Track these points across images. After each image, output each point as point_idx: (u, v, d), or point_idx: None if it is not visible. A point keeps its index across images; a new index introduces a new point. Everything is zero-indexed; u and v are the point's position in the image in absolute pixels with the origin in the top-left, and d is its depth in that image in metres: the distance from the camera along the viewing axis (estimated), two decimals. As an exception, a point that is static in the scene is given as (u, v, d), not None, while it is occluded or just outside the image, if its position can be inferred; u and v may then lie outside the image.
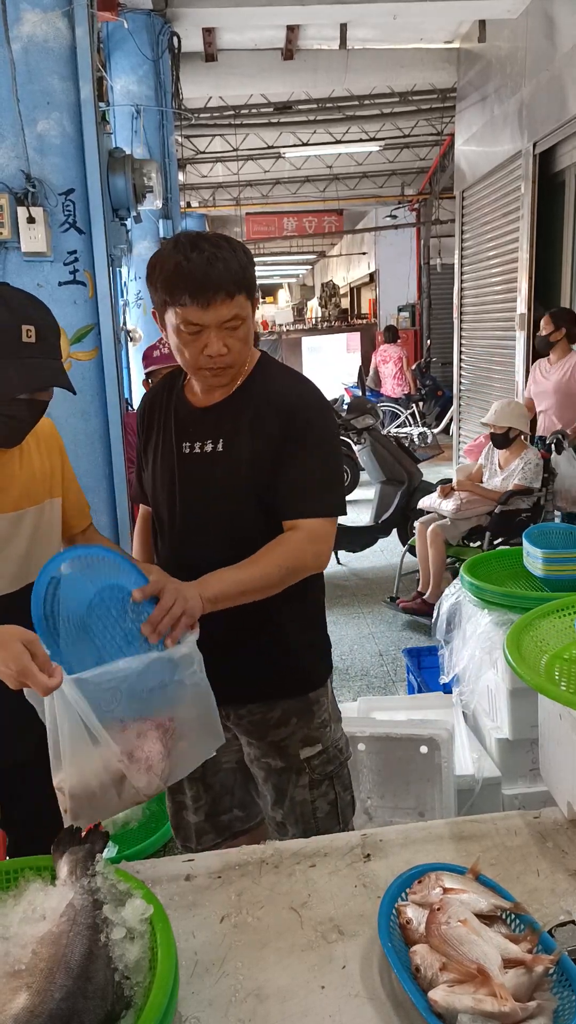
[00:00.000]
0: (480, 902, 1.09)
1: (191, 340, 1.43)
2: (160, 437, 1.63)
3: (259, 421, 1.52)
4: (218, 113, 8.71)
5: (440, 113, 8.91)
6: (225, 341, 1.43)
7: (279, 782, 1.68)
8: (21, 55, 2.48)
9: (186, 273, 1.37)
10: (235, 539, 1.53)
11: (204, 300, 1.38)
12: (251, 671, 1.63)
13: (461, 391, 7.78)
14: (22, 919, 1.08)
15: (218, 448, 1.54)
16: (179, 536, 1.60)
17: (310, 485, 1.52)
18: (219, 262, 1.38)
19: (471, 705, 2.52)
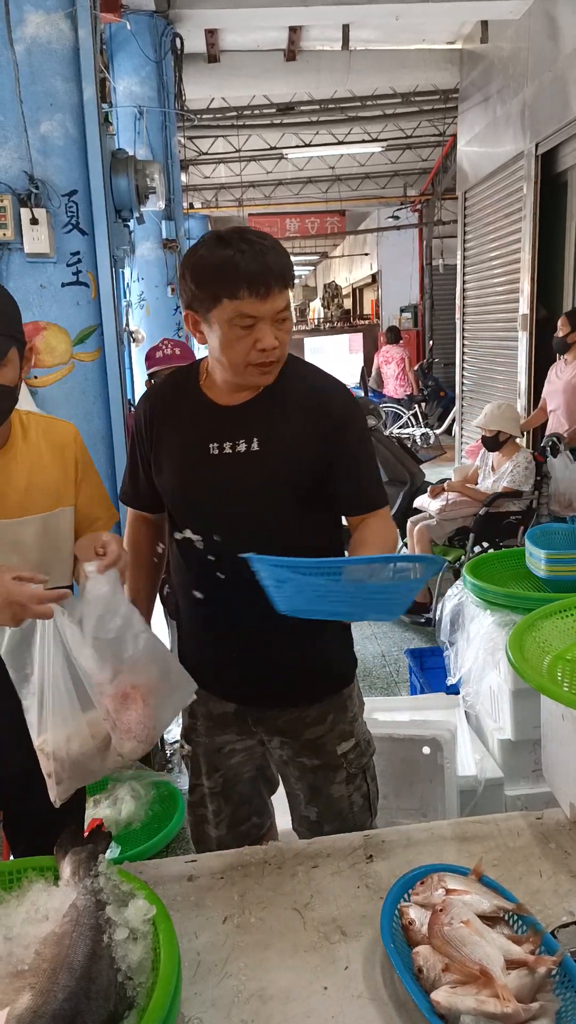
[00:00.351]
0: (483, 903, 1.09)
1: (243, 335, 1.40)
2: (178, 438, 1.57)
3: (293, 419, 1.51)
4: (220, 114, 8.72)
5: (442, 114, 8.90)
6: (276, 334, 1.41)
7: (315, 780, 1.67)
8: (24, 56, 2.48)
9: (242, 265, 1.35)
10: (274, 538, 1.52)
11: (263, 291, 1.36)
12: (293, 674, 1.62)
13: (463, 392, 7.78)
14: (25, 919, 1.08)
15: (252, 447, 1.50)
16: (216, 538, 1.54)
17: (365, 480, 1.59)
18: (271, 252, 1.37)
19: (474, 706, 2.52)
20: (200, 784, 1.74)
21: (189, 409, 1.57)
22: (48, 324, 2.67)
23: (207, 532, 1.55)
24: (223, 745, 1.70)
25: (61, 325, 2.69)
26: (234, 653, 1.61)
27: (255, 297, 1.36)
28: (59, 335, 2.69)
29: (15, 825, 1.72)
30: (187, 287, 1.43)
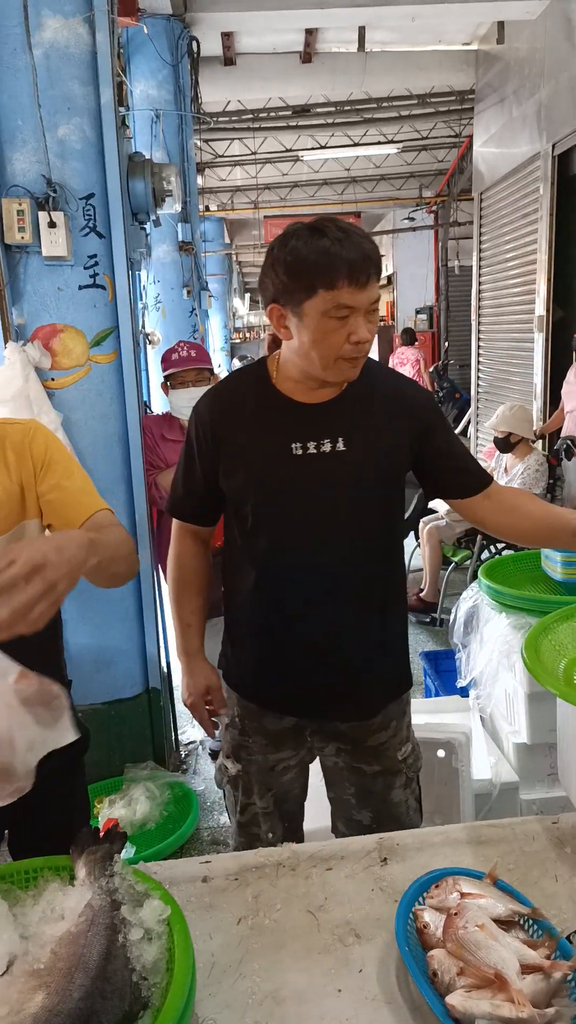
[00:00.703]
0: (497, 907, 1.09)
1: (337, 327, 1.36)
2: (254, 439, 1.50)
3: (378, 417, 1.50)
4: (236, 117, 8.74)
5: (458, 115, 8.88)
6: (368, 327, 1.39)
7: (373, 785, 1.66)
8: (42, 61, 2.50)
9: (342, 254, 1.32)
10: (361, 538, 1.52)
11: (362, 280, 1.33)
12: (362, 685, 1.60)
13: (479, 393, 7.75)
14: (41, 918, 1.09)
15: (338, 447, 1.47)
16: (291, 544, 1.51)
17: (469, 461, 1.63)
18: (367, 241, 1.36)
19: (488, 709, 2.51)
20: (252, 803, 1.70)
21: (264, 408, 1.51)
22: (65, 326, 2.69)
23: (282, 537, 1.51)
24: (277, 763, 1.68)
25: (78, 327, 2.70)
26: (301, 667, 1.57)
27: (354, 287, 1.33)
28: (76, 337, 2.71)
29: (18, 843, 1.69)
30: (277, 279, 1.38)
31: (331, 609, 1.53)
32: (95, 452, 2.80)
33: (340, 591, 1.52)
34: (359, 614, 1.55)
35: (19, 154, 2.56)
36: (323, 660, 1.56)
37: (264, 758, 1.66)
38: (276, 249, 1.39)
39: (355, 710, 1.62)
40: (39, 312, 2.68)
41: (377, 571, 1.56)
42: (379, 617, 1.59)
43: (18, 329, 2.68)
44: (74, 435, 2.73)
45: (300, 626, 1.54)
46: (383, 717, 1.64)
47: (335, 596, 1.52)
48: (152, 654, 3.05)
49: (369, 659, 1.59)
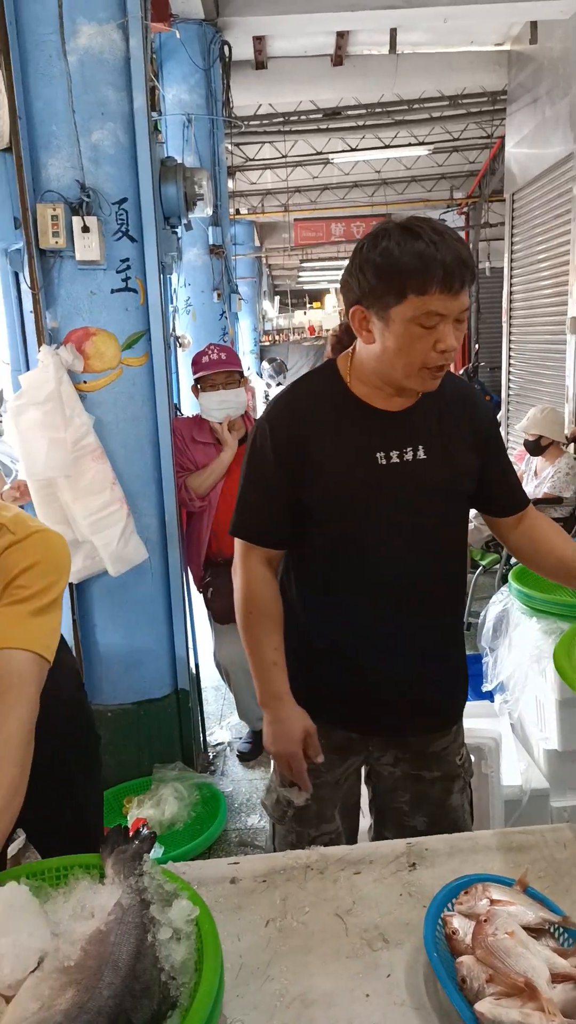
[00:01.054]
0: (528, 914, 1.08)
1: (424, 334, 1.31)
2: (336, 447, 1.44)
3: (450, 424, 1.48)
4: (267, 120, 8.76)
5: (490, 116, 8.82)
6: (455, 335, 1.33)
7: (431, 791, 1.64)
8: (77, 67, 2.53)
9: (438, 259, 1.26)
10: (439, 545, 1.51)
11: (456, 287, 1.28)
12: (432, 697, 1.60)
13: (510, 396, 7.68)
14: (72, 916, 1.10)
15: (419, 455, 1.44)
16: (384, 553, 1.47)
17: (515, 481, 1.62)
18: (462, 245, 1.30)
19: (515, 714, 2.48)
20: (323, 834, 1.64)
21: (345, 415, 1.45)
22: (97, 330, 2.72)
23: (363, 547, 1.46)
24: (342, 776, 1.65)
25: (110, 331, 2.73)
26: (377, 681, 1.53)
27: (447, 293, 1.28)
28: (108, 340, 2.73)
29: (37, 838, 1.73)
30: (364, 281, 1.32)
31: (408, 619, 1.51)
32: (126, 454, 2.83)
33: (418, 600, 1.50)
34: (434, 622, 1.54)
35: (54, 159, 2.59)
36: (400, 672, 1.53)
37: (332, 774, 1.60)
38: (366, 249, 1.32)
39: (429, 723, 1.61)
40: (72, 316, 2.71)
41: (450, 579, 1.56)
42: (450, 624, 1.59)
43: (51, 332, 2.71)
44: (105, 437, 2.76)
45: (377, 638, 1.51)
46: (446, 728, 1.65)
47: (413, 605, 1.50)
48: (181, 655, 3.06)
49: (443, 668, 1.59)
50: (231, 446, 3.11)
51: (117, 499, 2.72)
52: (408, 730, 1.59)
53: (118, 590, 2.90)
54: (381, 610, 1.49)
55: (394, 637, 1.50)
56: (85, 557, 2.75)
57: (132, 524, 2.76)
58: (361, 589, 1.48)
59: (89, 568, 2.78)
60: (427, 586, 1.50)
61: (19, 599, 1.30)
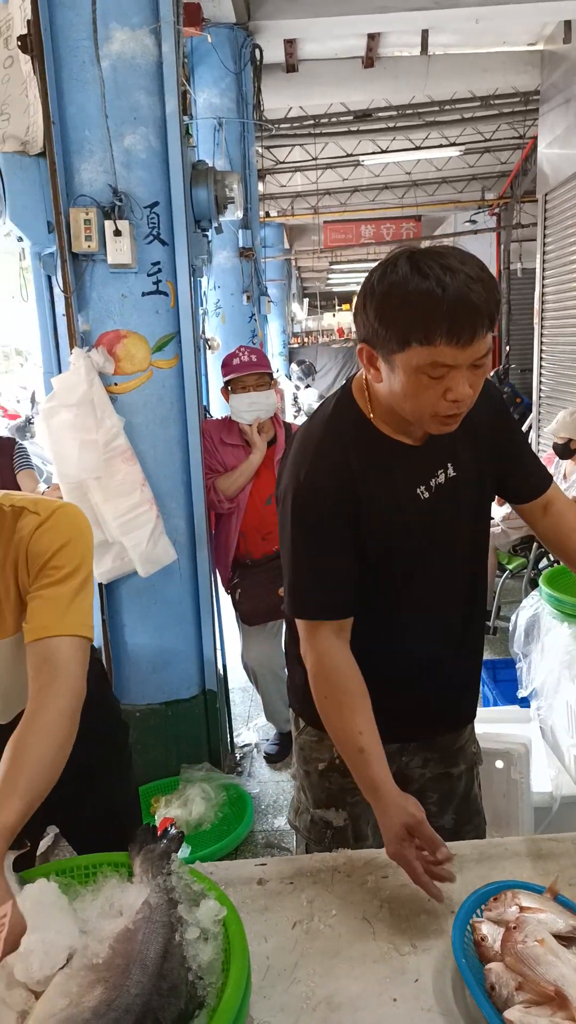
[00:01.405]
0: (558, 922, 1.07)
1: (432, 384, 1.19)
2: (381, 492, 1.34)
3: (469, 427, 1.37)
4: (298, 123, 8.77)
5: (522, 116, 8.74)
6: (471, 382, 1.20)
7: (457, 786, 1.65)
8: (110, 72, 2.55)
9: (443, 305, 1.11)
10: (477, 553, 1.49)
11: (465, 338, 1.13)
12: (462, 702, 1.61)
13: (541, 398, 7.60)
14: (100, 914, 1.11)
15: (450, 473, 1.38)
16: (429, 574, 1.42)
17: (536, 459, 1.56)
18: (477, 285, 1.12)
19: (549, 720, 2.46)
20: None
21: (378, 454, 1.35)
22: (128, 332, 2.74)
23: (410, 574, 1.41)
24: None
25: (141, 333, 2.75)
26: (415, 692, 1.49)
27: (454, 345, 1.13)
28: (139, 343, 2.76)
29: (68, 832, 1.74)
30: (367, 321, 1.20)
31: (447, 629, 1.50)
32: (155, 456, 2.85)
33: (457, 610, 1.50)
34: (467, 629, 1.54)
35: (87, 164, 2.62)
36: (436, 681, 1.51)
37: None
38: (374, 282, 1.19)
39: (455, 721, 1.62)
40: (103, 318, 2.74)
41: (480, 582, 1.54)
42: (476, 627, 1.58)
43: (83, 335, 2.74)
44: (135, 439, 2.78)
45: (419, 658, 1.48)
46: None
47: (452, 616, 1.50)
48: (209, 656, 3.08)
49: (471, 671, 1.60)
50: (260, 448, 3.12)
51: (147, 500, 2.73)
52: (440, 732, 1.61)
53: (147, 591, 2.92)
54: (427, 631, 1.47)
55: (437, 654, 1.50)
56: (114, 558, 2.77)
57: (161, 525, 2.78)
58: (410, 616, 1.45)
59: (119, 568, 2.80)
60: (464, 594, 1.50)
61: (56, 580, 1.29)
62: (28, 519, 1.31)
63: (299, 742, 1.61)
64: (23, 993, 1.00)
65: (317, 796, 1.56)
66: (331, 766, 1.54)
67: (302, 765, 1.61)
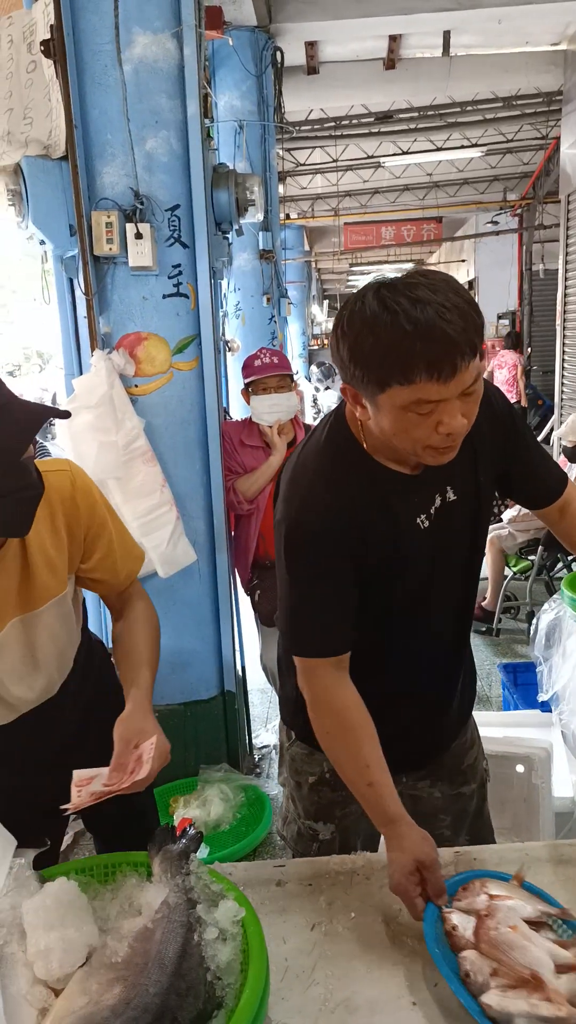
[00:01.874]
0: (527, 908, 1.09)
1: (421, 420, 1.12)
2: (382, 524, 1.29)
3: (469, 446, 1.29)
4: (318, 125, 8.77)
5: (545, 117, 8.69)
6: (464, 411, 1.13)
7: (469, 805, 1.60)
8: (132, 76, 2.57)
9: (417, 344, 1.04)
10: (474, 573, 1.46)
11: (446, 372, 1.06)
12: (459, 714, 1.58)
13: (563, 400, 7.55)
14: (119, 913, 1.11)
15: (448, 497, 1.33)
16: (427, 597, 1.38)
17: (549, 463, 1.51)
18: (452, 314, 1.04)
19: (571, 725, 2.43)
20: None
21: (377, 486, 1.29)
22: (149, 334, 2.75)
23: (412, 600, 1.37)
24: None
25: (161, 335, 2.76)
26: (399, 708, 1.43)
27: (436, 381, 1.07)
28: (159, 345, 2.77)
29: (91, 827, 1.76)
30: (343, 364, 1.14)
31: (442, 646, 1.47)
32: (175, 457, 2.86)
33: (451, 628, 1.47)
34: (461, 641, 1.52)
35: (108, 167, 2.63)
36: (430, 698, 1.49)
37: (357, 804, 1.38)
38: (344, 322, 1.13)
39: (448, 735, 1.58)
40: (124, 321, 2.75)
41: (473, 597, 1.53)
42: (464, 639, 1.56)
43: (104, 337, 2.75)
44: (155, 440, 2.79)
45: (419, 682, 1.45)
46: (469, 735, 1.62)
47: (447, 634, 1.47)
48: (228, 657, 3.08)
49: (465, 683, 1.57)
50: (280, 450, 3.12)
51: (167, 501, 2.74)
52: (433, 751, 1.56)
53: (166, 592, 2.93)
54: (416, 646, 1.43)
55: (435, 673, 1.48)
56: (135, 559, 2.78)
57: (181, 526, 2.79)
58: (411, 642, 1.42)
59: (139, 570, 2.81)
60: (459, 611, 1.48)
61: (113, 528, 1.42)
62: (59, 477, 1.34)
63: (290, 753, 1.57)
64: (43, 990, 1.01)
65: (306, 808, 1.53)
66: (321, 780, 1.51)
67: (292, 776, 1.56)
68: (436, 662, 1.47)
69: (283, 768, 1.61)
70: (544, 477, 1.48)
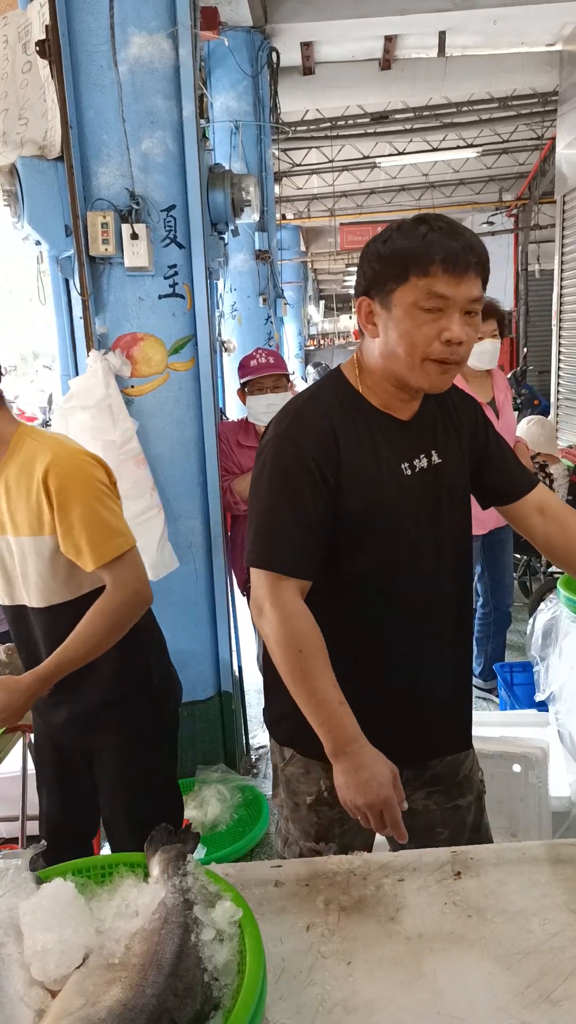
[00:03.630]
0: None
1: (428, 320, 1.25)
2: (368, 460, 1.35)
3: (452, 416, 1.45)
4: (314, 126, 8.78)
5: (541, 117, 8.71)
6: (464, 328, 1.26)
7: (467, 818, 1.58)
8: (127, 77, 2.57)
9: (439, 240, 1.23)
10: (461, 551, 1.46)
11: (459, 269, 1.23)
12: (456, 712, 1.55)
13: (559, 400, 7.56)
14: (116, 914, 1.11)
15: (434, 460, 1.40)
16: (413, 565, 1.39)
17: (519, 461, 1.55)
18: (472, 236, 1.26)
19: (568, 724, 2.44)
20: None
21: (365, 425, 1.36)
22: (145, 335, 2.75)
23: (395, 564, 1.38)
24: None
25: (157, 336, 2.76)
26: (400, 704, 1.44)
27: (449, 275, 1.23)
28: (155, 345, 2.77)
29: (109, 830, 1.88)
30: (368, 269, 1.30)
31: (434, 632, 1.46)
32: (172, 458, 2.85)
33: (442, 612, 1.46)
34: (456, 633, 1.50)
35: (104, 168, 2.63)
36: (427, 692, 1.47)
37: (356, 820, 1.39)
38: (372, 242, 1.32)
39: (454, 741, 1.55)
40: (120, 321, 2.75)
41: (466, 584, 1.51)
42: (466, 634, 1.54)
43: (100, 338, 2.75)
44: (151, 441, 2.79)
45: (407, 658, 1.43)
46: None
47: (438, 618, 1.46)
48: (225, 658, 3.08)
49: (463, 681, 1.55)
50: (276, 450, 3.12)
51: (155, 505, 2.74)
52: (431, 754, 1.53)
53: (162, 592, 2.92)
54: (406, 627, 1.43)
55: (419, 654, 1.45)
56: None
57: (167, 531, 2.78)
58: (388, 607, 1.41)
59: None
60: (449, 595, 1.46)
61: (82, 513, 1.62)
62: (37, 460, 1.62)
63: (286, 774, 1.55)
64: (40, 992, 1.01)
65: (306, 830, 1.52)
66: (319, 799, 1.50)
67: (290, 797, 1.54)
68: (424, 642, 1.45)
69: (279, 790, 1.58)
70: (517, 472, 1.53)
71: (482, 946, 1.12)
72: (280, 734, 1.57)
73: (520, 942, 1.12)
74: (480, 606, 3.84)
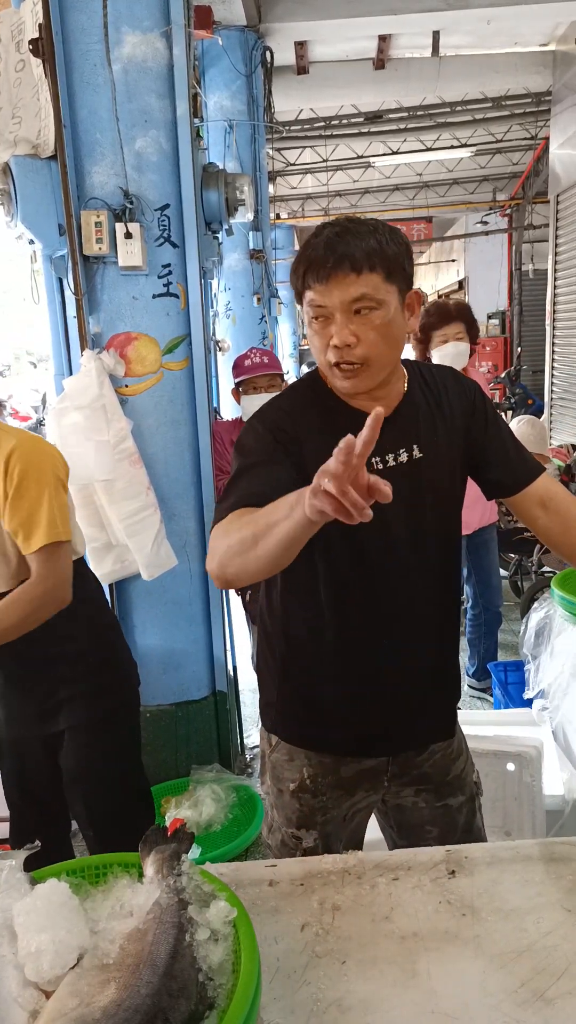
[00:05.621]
0: None
1: (319, 329, 1.28)
2: (329, 450, 1.23)
3: (444, 409, 1.42)
4: (308, 125, 8.78)
5: (534, 117, 8.73)
6: (353, 329, 1.24)
7: (458, 818, 1.57)
8: (121, 75, 2.56)
9: (309, 250, 1.25)
10: (443, 546, 1.45)
11: (323, 274, 1.23)
12: (440, 701, 1.54)
13: (552, 400, 7.58)
14: (110, 914, 1.11)
15: (414, 455, 1.37)
16: (389, 561, 1.39)
17: (518, 450, 1.50)
18: (349, 235, 1.23)
19: (555, 722, 2.45)
20: None
21: (332, 418, 1.36)
22: (139, 334, 2.75)
23: (369, 559, 1.38)
24: (350, 810, 1.54)
25: (151, 335, 2.76)
26: (382, 694, 1.45)
27: (318, 283, 1.24)
28: (149, 345, 2.76)
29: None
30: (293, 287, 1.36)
31: (416, 626, 1.45)
32: (166, 457, 2.85)
33: (424, 605, 1.45)
34: (440, 627, 1.49)
35: (98, 167, 2.63)
36: (410, 682, 1.47)
37: (339, 810, 1.50)
38: None
39: (438, 730, 1.54)
40: (114, 321, 2.75)
41: (451, 577, 1.51)
42: (451, 626, 1.53)
43: (94, 337, 2.75)
44: (146, 441, 2.79)
45: (386, 652, 1.43)
46: (457, 742, 1.59)
47: (419, 611, 1.45)
48: (219, 657, 3.08)
49: (447, 672, 1.55)
50: (271, 449, 3.12)
51: (151, 504, 2.74)
52: (414, 743, 1.52)
53: (157, 592, 2.93)
54: (386, 621, 1.43)
55: (399, 649, 1.44)
56: (115, 560, 2.78)
57: (164, 530, 2.78)
58: (364, 601, 1.40)
59: (119, 572, 2.81)
60: (431, 588, 1.45)
61: (32, 502, 1.70)
62: (7, 441, 1.70)
63: (271, 760, 1.56)
64: (34, 993, 1.00)
65: (288, 816, 1.52)
66: (302, 786, 1.50)
67: (274, 784, 1.55)
68: (404, 637, 1.44)
69: (265, 776, 1.59)
70: (518, 464, 1.48)
71: (476, 945, 1.12)
72: (267, 720, 1.59)
73: (514, 941, 1.12)
74: (470, 607, 3.85)
